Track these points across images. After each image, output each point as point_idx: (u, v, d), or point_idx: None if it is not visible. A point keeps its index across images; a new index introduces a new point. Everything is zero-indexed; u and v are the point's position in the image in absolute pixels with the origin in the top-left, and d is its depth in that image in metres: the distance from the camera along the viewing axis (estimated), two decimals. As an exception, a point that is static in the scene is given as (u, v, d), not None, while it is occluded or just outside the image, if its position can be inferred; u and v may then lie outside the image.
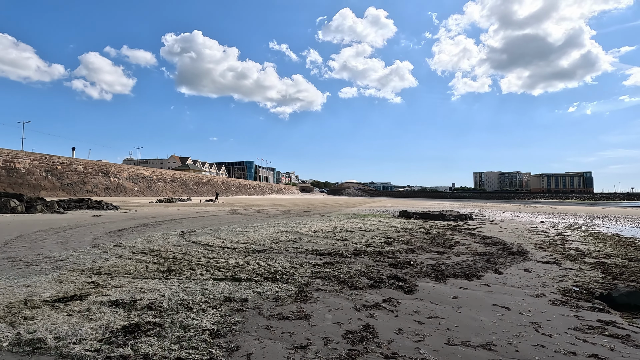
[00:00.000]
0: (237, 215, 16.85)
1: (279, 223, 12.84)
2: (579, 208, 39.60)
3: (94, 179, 42.31)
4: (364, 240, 8.78)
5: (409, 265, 5.71)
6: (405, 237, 9.63)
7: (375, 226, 12.61)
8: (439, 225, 13.86)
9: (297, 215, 17.73)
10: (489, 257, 6.65)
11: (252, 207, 25.46)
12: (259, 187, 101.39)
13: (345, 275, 4.88)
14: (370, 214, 21.04)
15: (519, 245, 8.41)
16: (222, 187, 75.30)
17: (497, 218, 19.07)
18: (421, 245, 8.08)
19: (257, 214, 18.60)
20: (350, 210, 25.15)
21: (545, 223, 16.00)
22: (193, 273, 4.74)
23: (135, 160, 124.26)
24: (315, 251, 6.87)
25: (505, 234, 11.13)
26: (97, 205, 18.43)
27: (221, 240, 7.99)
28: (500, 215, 21.72)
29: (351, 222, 13.86)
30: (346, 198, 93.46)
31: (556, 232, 11.84)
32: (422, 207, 34.97)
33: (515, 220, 17.84)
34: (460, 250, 7.52)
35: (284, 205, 31.79)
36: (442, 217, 17.36)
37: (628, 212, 28.68)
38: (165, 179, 56.56)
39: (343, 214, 19.74)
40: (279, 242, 8.05)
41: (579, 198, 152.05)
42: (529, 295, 4.22)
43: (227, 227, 11.17)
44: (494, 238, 9.75)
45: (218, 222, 13.02)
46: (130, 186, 47.83)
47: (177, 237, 8.41)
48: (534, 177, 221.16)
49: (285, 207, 26.49)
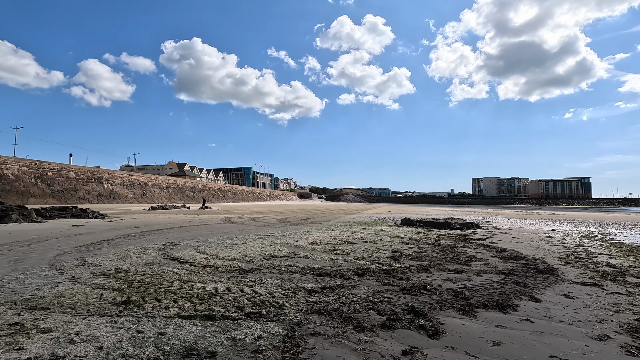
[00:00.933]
0: (230, 225, 15.82)
1: (274, 233, 11.83)
2: (583, 214, 38.72)
3: (87, 186, 41.20)
4: (367, 254, 7.78)
5: (425, 290, 4.72)
6: (412, 250, 8.64)
7: (378, 236, 11.62)
8: (446, 235, 12.87)
9: (293, 224, 16.72)
10: (515, 277, 5.67)
11: (248, 215, 24.42)
12: (257, 194, 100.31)
13: (348, 307, 3.89)
14: (371, 221, 20.04)
15: (543, 260, 7.43)
16: (219, 193, 74.19)
17: (505, 226, 18.11)
18: (433, 261, 7.09)
19: (251, 222, 17.58)
20: (349, 217, 24.15)
21: (557, 232, 15.05)
22: (156, 306, 3.74)
23: (133, 167, 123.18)
24: (312, 270, 5.87)
25: (521, 245, 10.16)
26: (82, 213, 17.37)
27: (204, 256, 6.98)
28: (507, 223, 20.77)
29: (351, 232, 12.86)
30: (345, 204, 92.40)
31: (575, 243, 10.88)
32: (423, 213, 34.01)
33: (525, 228, 16.88)
34: (479, 267, 6.54)
35: (281, 212, 30.75)
36: (448, 225, 16.39)
37: (636, 219, 27.80)
38: (160, 186, 55.46)
39: (342, 222, 18.74)
40: (270, 257, 7.05)
41: (577, 203, 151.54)
42: (589, 338, 3.23)
43: (216, 238, 10.15)
44: (511, 251, 8.78)
45: (207, 232, 12.00)
46: (125, 193, 46.71)
47: (156, 252, 7.39)
48: (532, 182, 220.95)
49: (282, 215, 25.46)
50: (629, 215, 38.13)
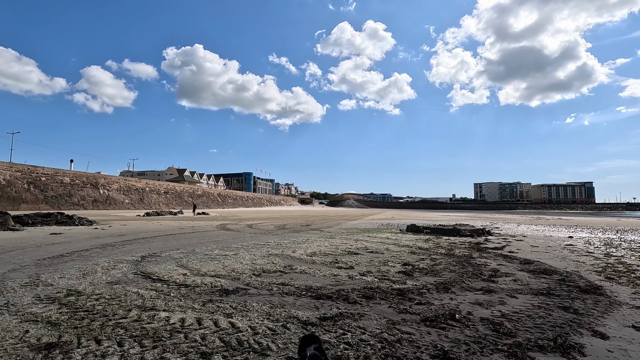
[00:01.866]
0: (224, 232, 14.77)
1: (270, 242, 10.79)
2: (592, 219, 37.52)
3: (82, 191, 40.25)
4: (374, 268, 6.73)
5: (453, 320, 3.67)
6: (425, 262, 7.58)
7: (384, 245, 10.56)
8: (457, 243, 11.81)
9: (292, 231, 15.66)
10: (558, 299, 4.61)
11: (245, 221, 23.37)
12: (257, 199, 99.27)
13: (356, 353, 2.84)
14: (375, 228, 18.97)
15: (579, 275, 6.37)
16: (219, 199, 73.17)
17: (517, 233, 17.00)
18: (452, 276, 6.03)
19: (247, 229, 16.53)
20: (352, 223, 23.08)
21: (576, 239, 13.96)
22: (91, 352, 2.71)
23: (133, 172, 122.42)
24: (310, 291, 4.83)
25: (545, 255, 9.08)
26: (68, 220, 16.36)
27: (184, 272, 5.94)
28: (518, 229, 19.66)
29: (354, 241, 11.81)
30: (346, 210, 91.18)
31: (602, 252, 9.80)
32: (427, 219, 32.86)
33: (539, 235, 15.78)
34: (509, 285, 5.48)
35: (281, 218, 29.69)
36: (457, 232, 15.31)
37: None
38: (158, 191, 54.49)
39: (344, 229, 17.68)
40: (262, 273, 6.00)
41: (581, 208, 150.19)
42: None
43: (204, 248, 9.11)
44: (537, 262, 7.71)
45: (197, 241, 10.96)
46: (121, 198, 45.74)
47: (129, 267, 6.36)
48: (534, 187, 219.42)
49: (282, 221, 24.40)
50: (639, 220, 36.92)
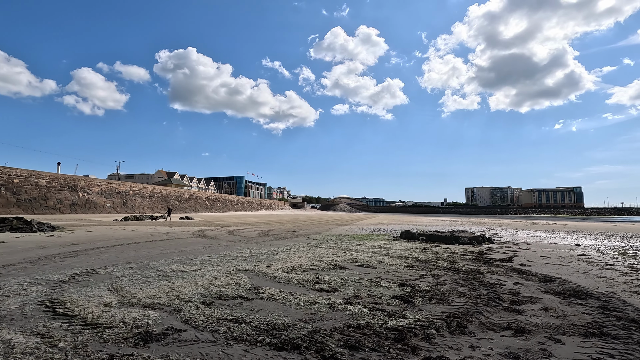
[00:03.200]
0: (199, 240, 13.24)
1: (244, 253, 9.32)
2: (587, 224, 36.73)
3: (59, 194, 38.14)
4: (363, 290, 5.33)
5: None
6: (426, 280, 6.21)
7: (376, 256, 9.17)
8: (458, 252, 10.49)
9: (276, 238, 14.19)
10: (622, 345, 3.27)
11: (229, 227, 21.80)
12: (247, 203, 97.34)
13: None
14: (366, 234, 17.60)
15: (619, 298, 5.07)
16: (207, 202, 71.16)
17: (519, 239, 15.79)
18: (463, 302, 4.67)
19: (227, 236, 15.01)
20: (342, 229, 21.67)
21: (584, 247, 12.78)
22: None
23: (121, 175, 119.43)
24: (271, 333, 3.40)
25: (562, 269, 7.80)
26: (25, 226, 14.65)
27: (108, 301, 4.46)
28: (517, 236, 18.49)
29: (343, 250, 10.40)
30: (338, 214, 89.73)
31: (624, 264, 8.56)
32: (421, 224, 31.64)
33: (543, 243, 14.57)
34: (541, 317, 4.13)
35: (268, 223, 28.16)
36: (456, 239, 14.02)
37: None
38: (143, 195, 52.42)
39: (333, 235, 16.27)
40: (214, 301, 4.56)
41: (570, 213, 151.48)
42: None
43: (162, 261, 7.61)
44: (560, 280, 6.40)
45: (159, 251, 9.44)
46: (102, 202, 43.65)
47: (42, 291, 4.85)
48: (525, 192, 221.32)
49: (268, 227, 22.89)
50: (634, 225, 36.25)
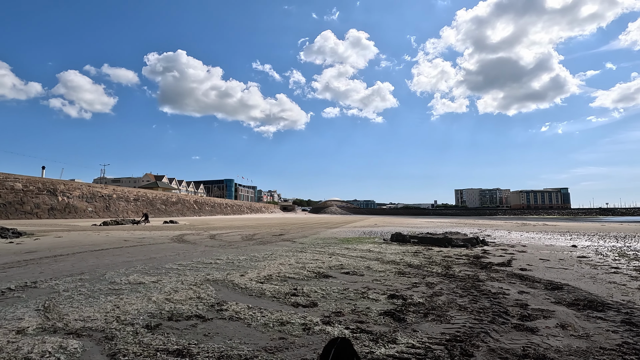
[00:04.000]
0: (175, 245, 12.29)
1: (220, 260, 8.44)
2: (577, 225, 36.69)
3: (36, 199, 36.50)
4: (347, 304, 4.54)
5: None
6: (420, 289, 5.46)
7: (365, 262, 8.40)
8: (452, 256, 9.78)
9: (259, 242, 13.31)
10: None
11: (212, 231, 20.80)
12: (237, 207, 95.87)
13: None
14: (356, 237, 16.83)
15: None
16: (195, 206, 69.62)
17: (514, 241, 15.21)
18: (465, 319, 3.90)
19: (207, 241, 14.07)
20: (331, 232, 20.87)
21: (581, 248, 12.25)
22: None
23: (107, 179, 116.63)
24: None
25: (566, 273, 7.14)
26: (-15, 232, 13.47)
27: (22, 326, 3.57)
28: (510, 237, 17.96)
29: (329, 255, 9.59)
30: (329, 216, 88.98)
31: (630, 267, 7.96)
32: (412, 226, 31.05)
33: (539, 244, 14.02)
34: (561, 338, 3.39)
35: (255, 226, 27.20)
36: (449, 242, 13.36)
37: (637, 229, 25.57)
38: (127, 198, 50.80)
39: (321, 239, 15.45)
40: (161, 323, 3.70)
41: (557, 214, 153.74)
42: None
43: (122, 271, 6.70)
44: (568, 287, 5.72)
45: (124, 259, 8.49)
46: (83, 206, 42.02)
47: (-48, 313, 3.92)
48: (513, 193, 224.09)
49: (254, 230, 21.95)
50: (622, 225, 36.33)
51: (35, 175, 40.43)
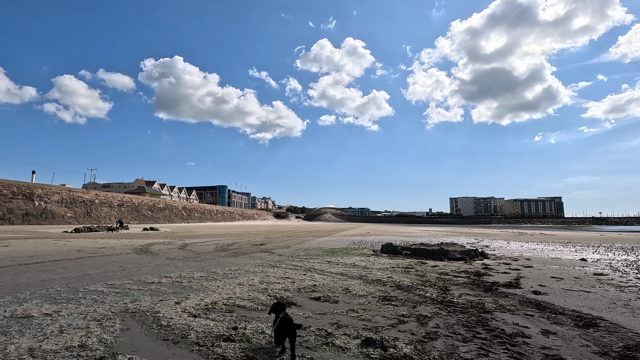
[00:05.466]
0: (132, 257, 10.70)
1: (167, 278, 6.90)
2: (576, 234, 35.55)
3: (10, 203, 34.51)
4: (299, 355, 3.06)
5: None
6: (408, 324, 4.00)
7: (345, 280, 6.92)
8: (449, 272, 8.33)
9: (232, 254, 11.77)
10: None
11: (189, 239, 19.17)
12: (228, 213, 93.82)
13: None
14: (343, 248, 15.34)
15: None
16: (183, 212, 67.60)
17: (515, 253, 13.82)
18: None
19: (174, 252, 12.49)
20: (318, 241, 19.34)
21: (592, 262, 10.89)
22: None
23: (98, 184, 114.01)
24: None
25: (589, 298, 5.73)
26: None
27: None
28: (510, 248, 16.59)
29: (304, 271, 8.09)
30: (321, 224, 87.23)
31: (663, 290, 6.58)
32: (405, 235, 29.61)
33: (543, 257, 12.65)
34: None
35: (240, 234, 25.57)
36: (444, 254, 11.93)
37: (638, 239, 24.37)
38: (110, 204, 48.81)
39: (304, 249, 13.94)
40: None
41: (551, 223, 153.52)
42: None
43: (21, 296, 5.15)
44: (607, 323, 4.30)
45: (48, 276, 6.91)
46: (62, 212, 40.02)
47: None
48: (507, 202, 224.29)
49: (235, 239, 20.35)
50: (621, 235, 35.23)
51: (25, 181, 38.55)
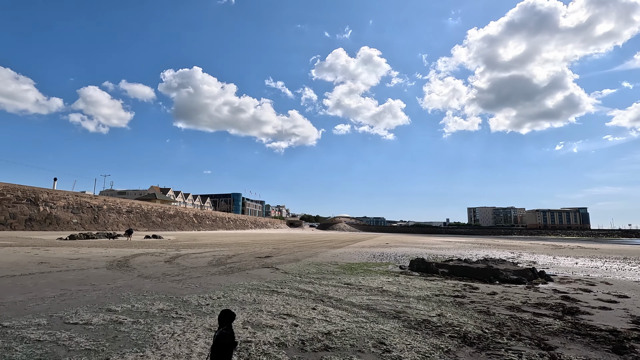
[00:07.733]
0: (98, 272, 8.50)
1: (104, 314, 4.60)
2: (619, 247, 31.77)
3: (13, 208, 33.40)
4: None
5: None
6: None
7: (376, 323, 4.46)
8: (519, 304, 5.74)
9: (226, 271, 9.43)
10: None
11: (186, 249, 16.99)
12: (240, 221, 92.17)
13: None
14: (362, 262, 12.81)
15: None
16: (194, 220, 66.15)
17: (579, 273, 10.95)
18: None
19: (158, 266, 10.26)
20: (332, 253, 16.82)
21: None
22: None
23: (114, 191, 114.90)
24: None
25: None
26: None
27: None
28: (564, 265, 13.66)
29: (314, 300, 5.64)
30: (336, 233, 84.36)
31: None
32: (427, 246, 26.71)
33: (619, 279, 9.81)
34: None
35: (245, 244, 23.30)
36: (494, 275, 9.26)
37: None
38: (119, 210, 47.58)
39: (316, 265, 11.49)
40: None
41: (577, 234, 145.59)
42: None
43: None
44: None
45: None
46: (67, 218, 38.81)
47: None
48: (529, 212, 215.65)
49: (238, 249, 18.06)
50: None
51: (48, 187, 37.78)
